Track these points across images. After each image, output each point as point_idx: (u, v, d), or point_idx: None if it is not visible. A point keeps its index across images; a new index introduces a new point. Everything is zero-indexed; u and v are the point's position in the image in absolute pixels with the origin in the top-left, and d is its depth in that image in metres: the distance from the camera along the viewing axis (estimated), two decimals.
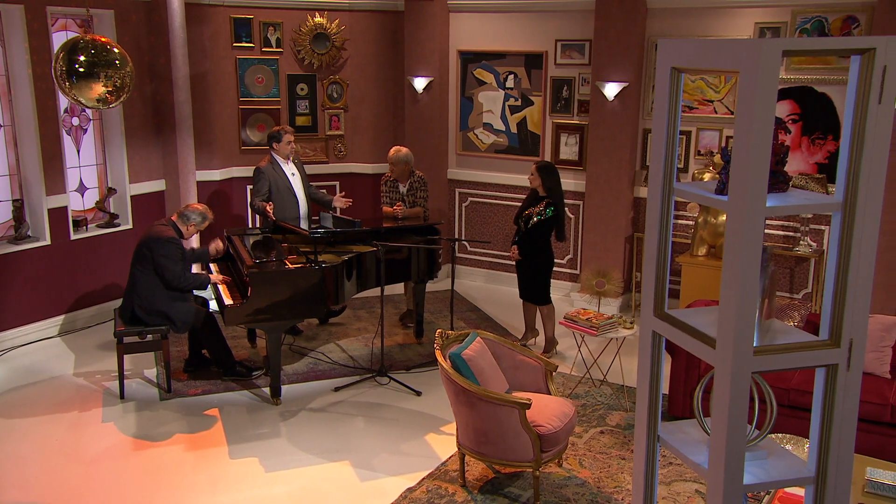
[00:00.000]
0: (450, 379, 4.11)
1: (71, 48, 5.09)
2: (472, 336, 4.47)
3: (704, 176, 6.30)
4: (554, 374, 4.59)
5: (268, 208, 5.99)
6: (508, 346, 4.61)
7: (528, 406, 3.99)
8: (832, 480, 1.83)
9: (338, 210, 6.66)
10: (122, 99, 5.36)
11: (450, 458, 4.61)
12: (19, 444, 4.77)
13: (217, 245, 5.74)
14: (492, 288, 7.91)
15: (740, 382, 1.72)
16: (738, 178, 1.66)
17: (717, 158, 6.29)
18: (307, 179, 6.44)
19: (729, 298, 1.71)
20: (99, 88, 5.08)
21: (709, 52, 1.73)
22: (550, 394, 4.49)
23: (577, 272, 7.56)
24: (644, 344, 2.06)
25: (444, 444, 4.78)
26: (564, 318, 5.37)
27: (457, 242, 7.44)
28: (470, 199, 8.04)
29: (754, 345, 1.73)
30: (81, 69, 5.06)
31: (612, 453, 4.69)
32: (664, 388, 5.48)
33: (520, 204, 6.26)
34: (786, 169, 1.93)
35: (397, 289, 6.91)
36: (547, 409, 4.21)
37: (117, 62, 5.12)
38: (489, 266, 8.10)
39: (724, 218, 6.21)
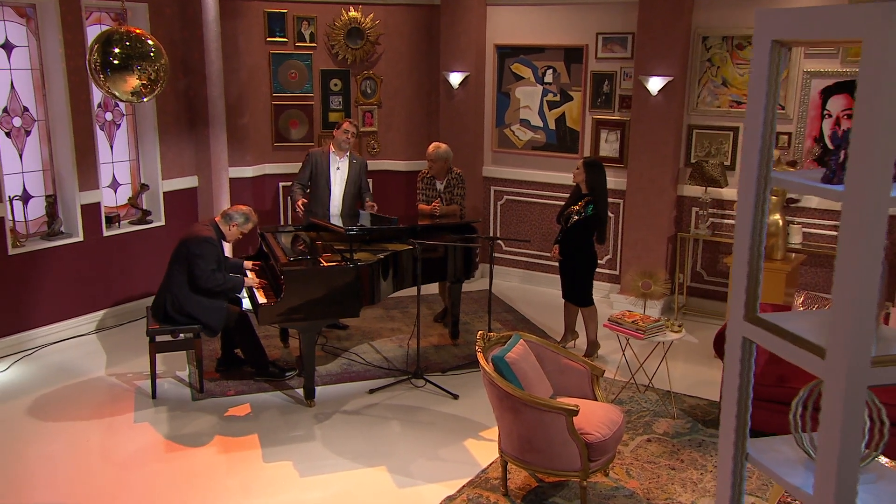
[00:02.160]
0: (493, 383, 3.92)
1: (106, 40, 4.99)
2: (515, 338, 4.27)
3: None
4: (600, 378, 4.39)
5: (299, 203, 5.94)
6: (552, 349, 4.41)
7: (576, 413, 3.79)
8: None
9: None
10: (156, 92, 5.25)
11: (490, 465, 4.42)
12: (51, 443, 4.67)
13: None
14: (527, 288, 7.70)
15: (855, 397, 1.52)
16: (859, 164, 1.46)
17: (775, 154, 6.02)
18: (360, 185, 6.18)
19: (845, 302, 1.50)
20: (133, 81, 4.97)
21: (821, 20, 1.53)
22: (597, 399, 4.28)
23: (617, 273, 7.32)
24: (732, 351, 1.86)
25: (483, 451, 4.60)
26: (609, 320, 5.15)
27: (493, 242, 7.24)
28: (506, 196, 7.84)
29: (872, 354, 1.53)
30: (116, 61, 4.96)
31: (660, 462, 4.47)
32: (715, 395, 5.25)
33: (560, 202, 6.06)
34: None
35: (431, 288, 6.73)
36: (594, 416, 4.00)
37: (152, 54, 5.01)
38: (525, 266, 7.88)
39: (775, 217, 5.94)
